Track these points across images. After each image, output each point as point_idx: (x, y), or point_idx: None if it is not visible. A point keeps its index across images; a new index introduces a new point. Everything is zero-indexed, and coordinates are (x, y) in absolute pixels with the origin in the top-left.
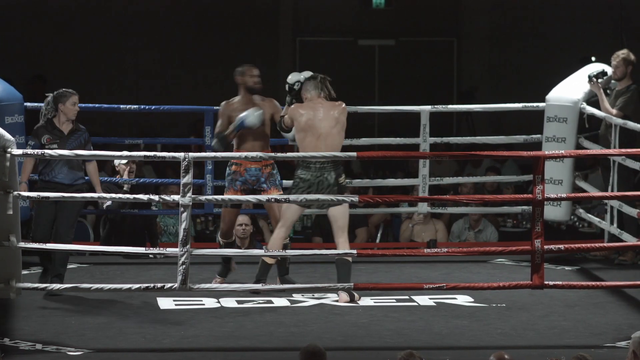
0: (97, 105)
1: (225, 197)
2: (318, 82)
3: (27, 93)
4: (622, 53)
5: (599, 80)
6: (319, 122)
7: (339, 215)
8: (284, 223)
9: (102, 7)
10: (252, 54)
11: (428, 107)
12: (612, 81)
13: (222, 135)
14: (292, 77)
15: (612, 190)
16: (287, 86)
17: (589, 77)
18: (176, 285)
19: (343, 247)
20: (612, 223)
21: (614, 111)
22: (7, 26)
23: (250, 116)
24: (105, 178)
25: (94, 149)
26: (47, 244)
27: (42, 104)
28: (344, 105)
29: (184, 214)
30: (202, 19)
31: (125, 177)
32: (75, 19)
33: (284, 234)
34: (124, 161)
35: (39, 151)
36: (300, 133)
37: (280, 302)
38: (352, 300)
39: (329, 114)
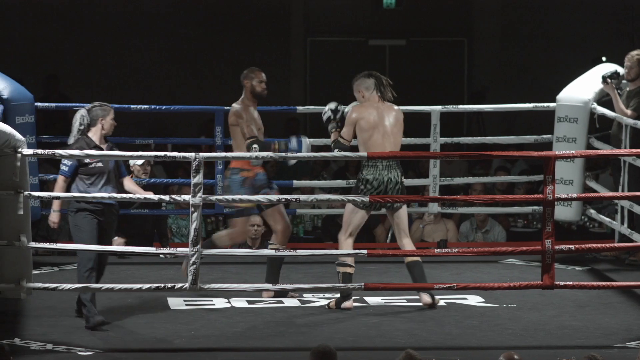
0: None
1: (236, 197)
2: (377, 82)
3: (40, 93)
4: (637, 54)
5: (613, 81)
6: (385, 121)
7: (403, 217)
8: (352, 231)
9: (114, 7)
10: (263, 54)
11: (439, 107)
12: (623, 81)
13: (265, 145)
14: (331, 105)
15: (622, 191)
16: (329, 114)
17: (603, 77)
18: (187, 285)
19: (409, 247)
20: (622, 223)
21: (629, 112)
22: (19, 26)
23: (302, 146)
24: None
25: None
26: (58, 244)
27: (48, 105)
28: (399, 108)
29: (195, 214)
30: (213, 19)
31: (140, 177)
32: (87, 20)
33: (352, 242)
34: (140, 162)
35: (49, 151)
36: (366, 133)
37: (290, 302)
38: (433, 302)
39: (391, 113)
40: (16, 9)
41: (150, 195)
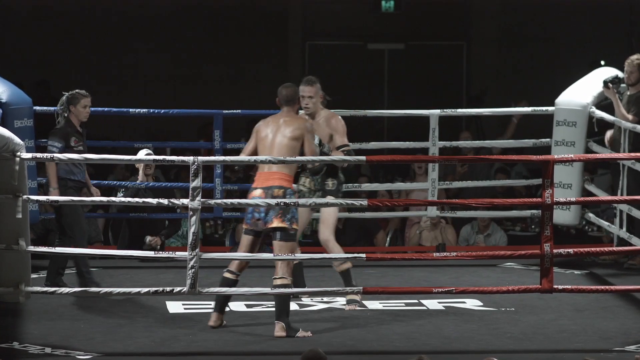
0: (106, 109)
1: (235, 200)
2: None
3: (32, 98)
4: (637, 59)
5: (614, 85)
6: None
7: None
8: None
9: (109, 11)
10: (261, 57)
11: (437, 111)
12: (622, 85)
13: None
14: None
15: (621, 194)
16: None
17: (605, 82)
18: (185, 289)
19: None
20: (621, 227)
21: (631, 117)
22: (13, 31)
23: None
24: (131, 183)
25: (104, 153)
26: (56, 248)
27: (47, 108)
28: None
29: (193, 218)
30: (211, 23)
31: (140, 174)
32: (83, 23)
33: None
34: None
35: (47, 155)
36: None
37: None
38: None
39: None
40: (14, 14)
41: (150, 200)
